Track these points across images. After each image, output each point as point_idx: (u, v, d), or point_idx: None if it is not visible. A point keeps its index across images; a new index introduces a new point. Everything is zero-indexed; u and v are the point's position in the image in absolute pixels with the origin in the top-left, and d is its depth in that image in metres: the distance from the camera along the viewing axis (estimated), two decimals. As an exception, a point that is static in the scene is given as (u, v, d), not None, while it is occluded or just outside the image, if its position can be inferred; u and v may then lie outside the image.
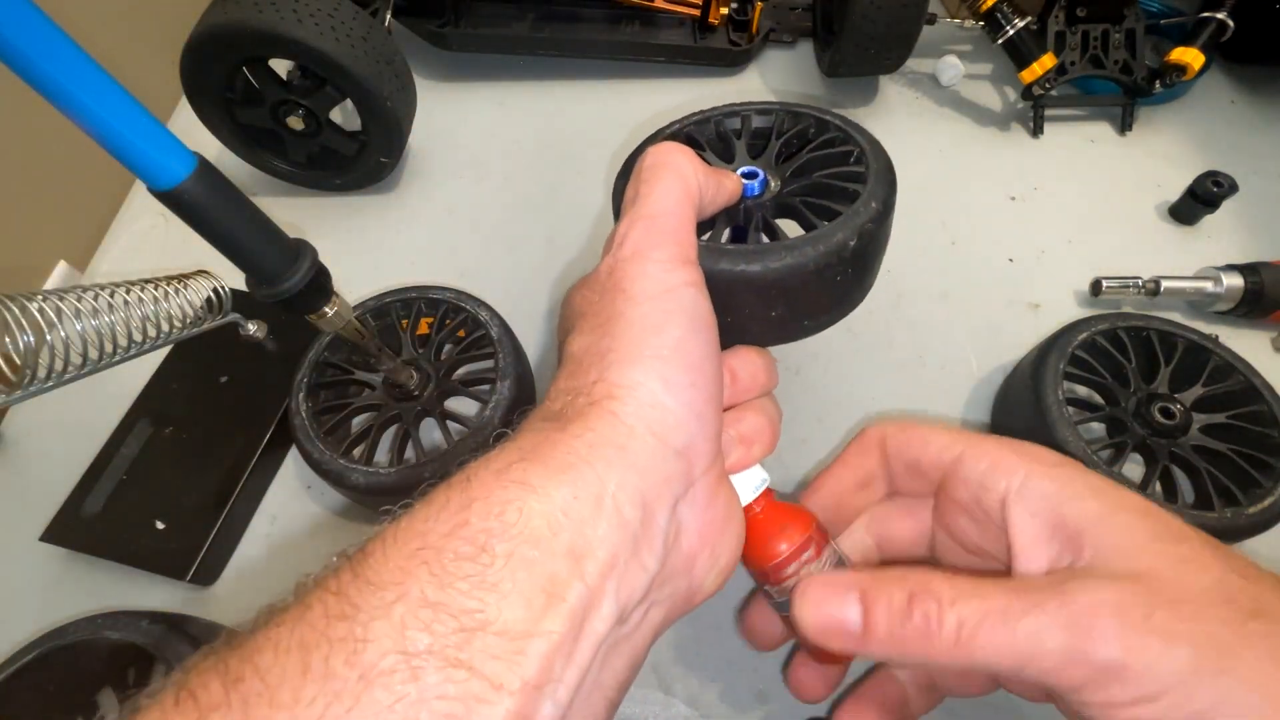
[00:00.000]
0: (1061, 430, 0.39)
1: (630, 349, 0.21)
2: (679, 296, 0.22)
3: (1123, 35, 0.62)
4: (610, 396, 0.20)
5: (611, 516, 0.18)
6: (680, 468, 0.21)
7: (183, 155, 0.25)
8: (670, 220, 0.24)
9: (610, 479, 0.19)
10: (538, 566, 0.16)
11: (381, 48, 0.51)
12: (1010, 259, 0.56)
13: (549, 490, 0.18)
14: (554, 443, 0.19)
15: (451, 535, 0.17)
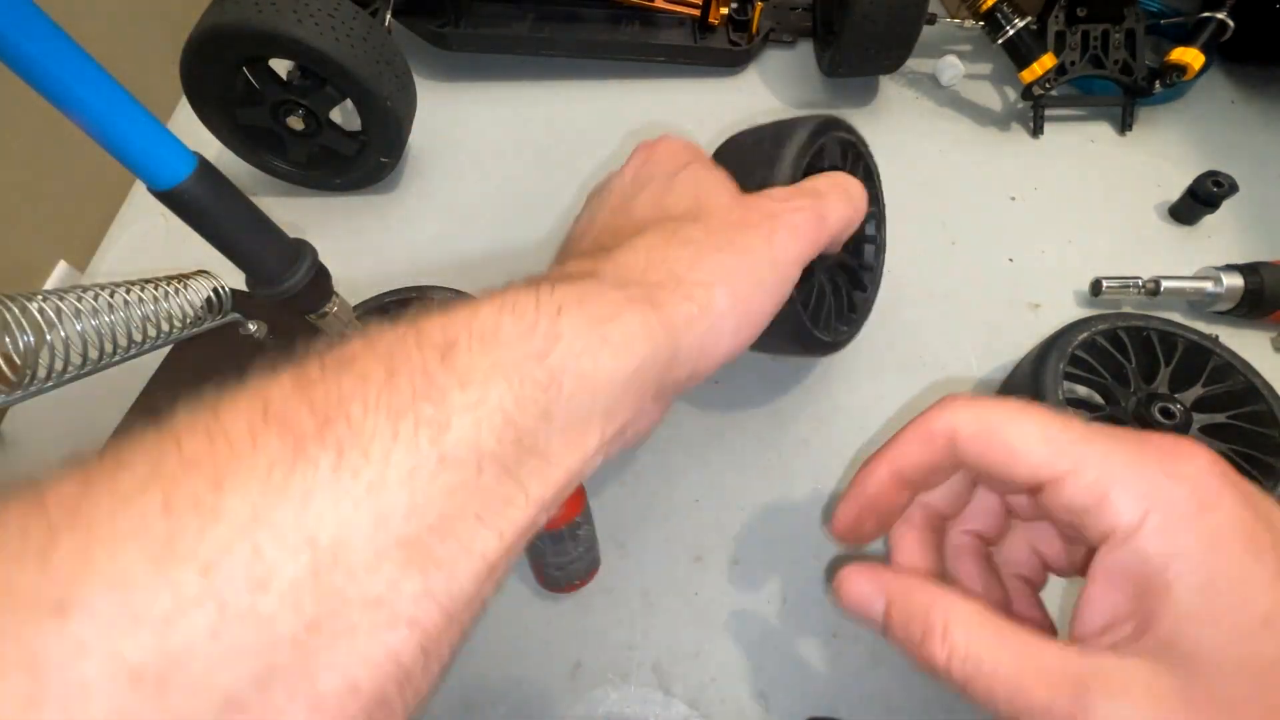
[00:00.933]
0: (1061, 430, 0.39)
1: (741, 287, 0.23)
2: (789, 279, 0.25)
3: (1123, 35, 0.62)
4: (708, 306, 0.22)
5: (641, 393, 0.20)
6: (687, 381, 0.23)
7: (183, 155, 0.25)
8: (825, 234, 0.26)
9: (660, 362, 0.21)
10: (585, 413, 0.19)
11: (381, 48, 0.51)
12: (1010, 259, 0.56)
13: (624, 356, 0.19)
14: (643, 316, 0.20)
15: (534, 359, 0.18)
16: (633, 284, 0.22)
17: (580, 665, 0.38)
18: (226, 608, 0.13)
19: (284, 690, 0.13)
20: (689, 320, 0.22)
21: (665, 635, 0.39)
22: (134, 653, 0.12)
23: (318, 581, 0.14)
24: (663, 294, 0.22)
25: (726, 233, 0.24)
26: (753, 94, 0.68)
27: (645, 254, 0.23)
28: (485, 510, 0.16)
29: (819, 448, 0.46)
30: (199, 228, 0.27)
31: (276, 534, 0.13)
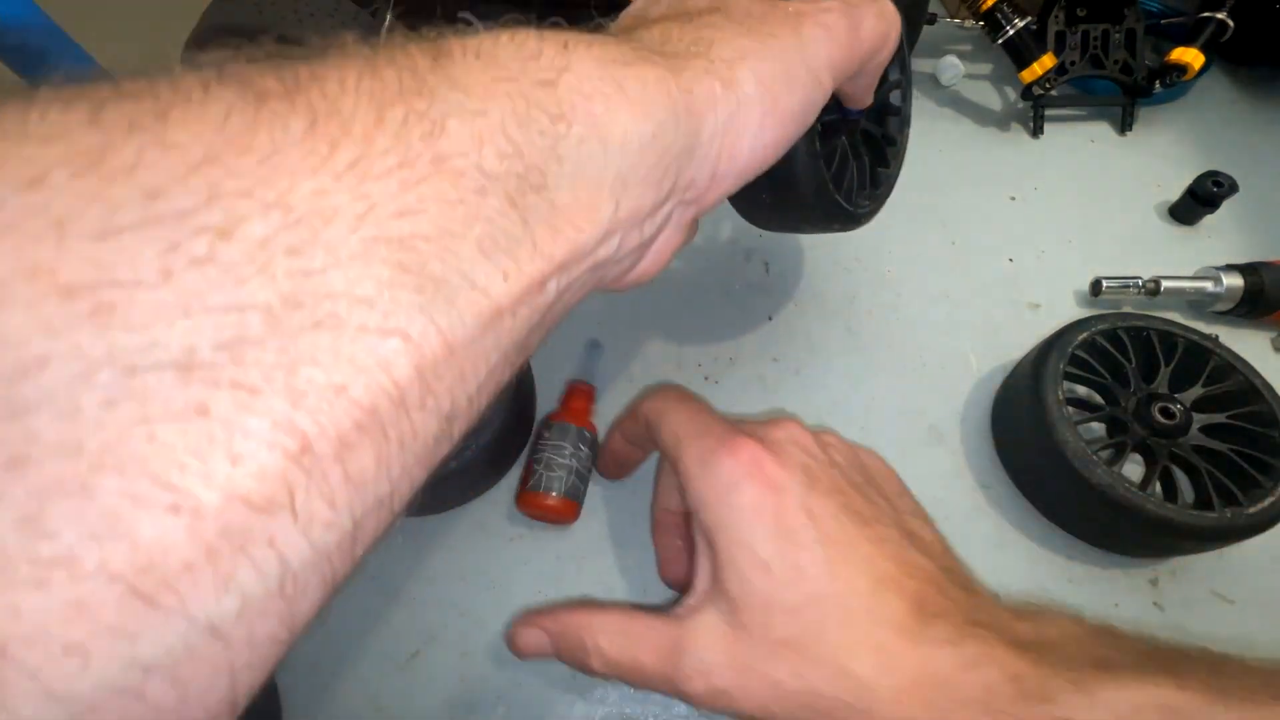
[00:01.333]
0: (1061, 430, 0.39)
1: (766, 73, 0.20)
2: (819, 84, 0.22)
3: (1123, 35, 0.62)
4: (732, 84, 0.19)
5: (658, 177, 0.18)
6: (708, 185, 0.21)
7: None
8: (859, 46, 0.24)
9: (679, 145, 0.18)
10: (596, 168, 0.16)
11: (381, 48, 0.51)
12: (1010, 259, 0.56)
13: (640, 112, 0.17)
14: (661, 76, 0.18)
15: (538, 86, 0.15)
16: (656, 51, 0.19)
17: (580, 665, 0.38)
18: (178, 248, 0.10)
19: (256, 368, 0.10)
20: (711, 96, 0.19)
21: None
22: (65, 272, 0.09)
23: (293, 252, 0.11)
24: (682, 62, 0.19)
25: (749, 21, 0.22)
26: (753, 94, 0.68)
27: (660, 32, 0.21)
28: (488, 240, 0.14)
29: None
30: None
31: (238, 181, 0.11)
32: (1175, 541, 0.38)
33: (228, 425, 0.10)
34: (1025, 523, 0.43)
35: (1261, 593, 0.40)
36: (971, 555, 0.41)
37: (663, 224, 0.20)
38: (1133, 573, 0.41)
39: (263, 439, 0.10)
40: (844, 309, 0.52)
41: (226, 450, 0.10)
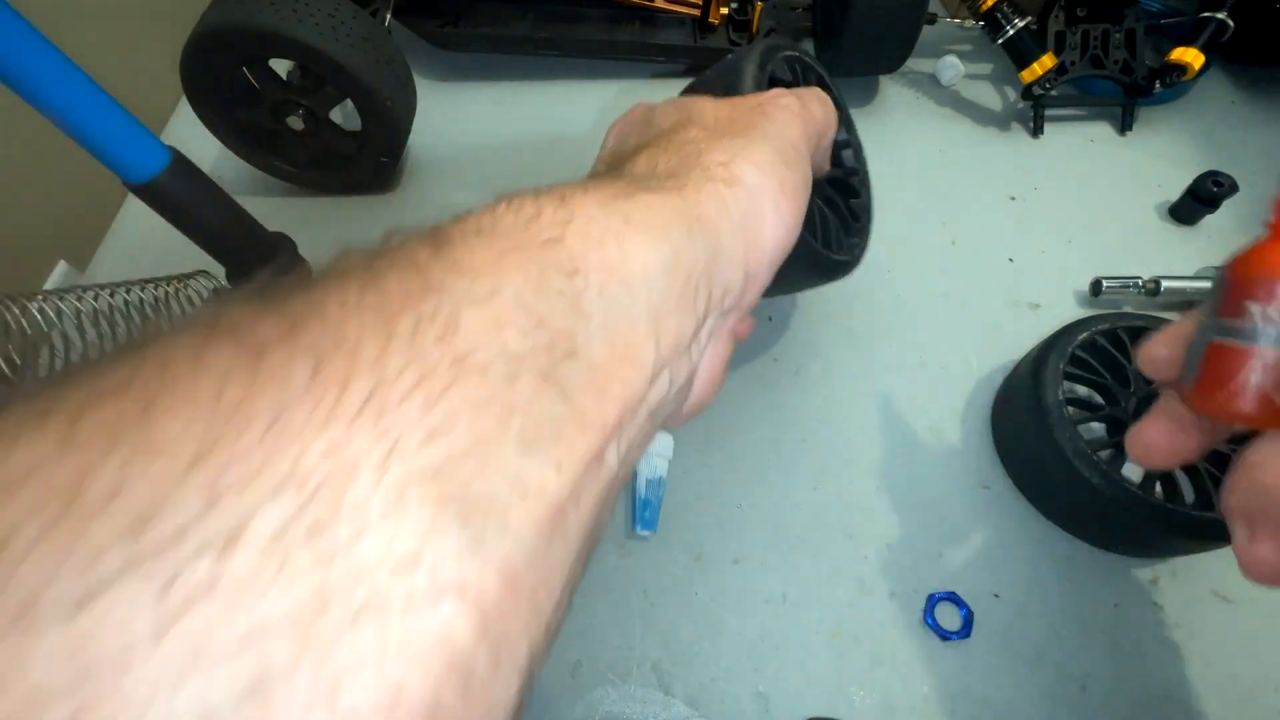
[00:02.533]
0: (1061, 430, 0.39)
1: (762, 159, 0.21)
2: (803, 157, 0.23)
3: (1123, 35, 0.62)
4: (734, 181, 0.19)
5: (691, 298, 0.17)
6: (744, 287, 0.20)
7: (156, 148, 0.25)
8: (813, 124, 0.25)
9: (703, 259, 0.17)
10: (625, 311, 0.15)
11: (381, 48, 0.51)
12: (1010, 259, 0.56)
13: (654, 238, 0.16)
14: (665, 198, 0.18)
15: (546, 247, 0.15)
16: (643, 176, 0.19)
17: (580, 665, 0.38)
18: (175, 583, 0.08)
19: (287, 709, 0.09)
20: (719, 200, 0.19)
21: (665, 635, 0.39)
22: (37, 673, 0.08)
23: (315, 532, 0.09)
24: (680, 179, 0.19)
25: (722, 124, 0.23)
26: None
27: (646, 159, 0.21)
28: (530, 432, 0.12)
29: (819, 448, 0.46)
30: (176, 222, 0.27)
31: (241, 466, 0.09)
32: (1175, 541, 0.38)
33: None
34: (1025, 523, 0.43)
35: (1261, 593, 0.40)
36: (972, 555, 0.42)
37: (707, 343, 0.19)
38: (1133, 573, 0.41)
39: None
40: (844, 309, 0.52)
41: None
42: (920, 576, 0.41)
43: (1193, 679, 0.38)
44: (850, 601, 0.40)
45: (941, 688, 0.37)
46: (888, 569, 0.41)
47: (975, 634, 0.39)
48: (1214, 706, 0.37)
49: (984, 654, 0.38)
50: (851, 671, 0.38)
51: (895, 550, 0.42)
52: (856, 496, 0.44)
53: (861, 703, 0.37)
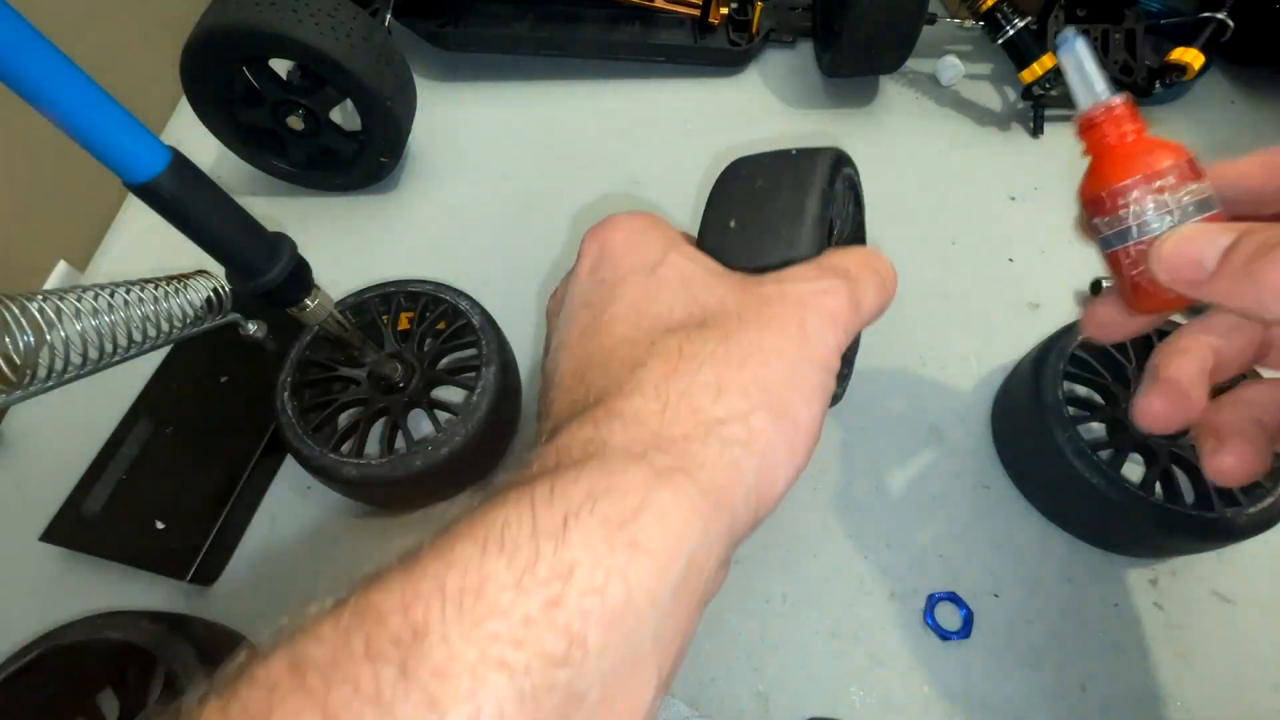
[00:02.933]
0: (1061, 430, 0.39)
1: (784, 401, 0.18)
2: (832, 372, 0.20)
3: (1123, 35, 0.62)
4: (753, 440, 0.18)
5: (699, 588, 0.16)
6: (750, 528, 0.19)
7: (156, 148, 0.25)
8: (860, 322, 0.21)
9: (718, 547, 0.16)
10: (627, 657, 0.14)
11: (381, 48, 0.51)
12: (1010, 259, 0.56)
13: (666, 561, 0.15)
14: (679, 496, 0.16)
15: (534, 622, 0.13)
16: (655, 445, 0.17)
17: (580, 665, 0.38)
18: None
19: None
20: (736, 470, 0.17)
21: (665, 635, 0.39)
22: None
23: None
24: (696, 448, 0.17)
25: (748, 334, 0.19)
26: (753, 94, 0.68)
27: (655, 393, 0.18)
28: None
29: (820, 448, 0.46)
30: (176, 222, 0.27)
31: None
32: (1175, 541, 0.38)
33: None
34: (1025, 523, 0.43)
35: (1261, 593, 0.40)
36: (972, 555, 0.42)
37: (710, 590, 0.18)
38: (1133, 573, 0.41)
39: None
40: (844, 309, 0.52)
41: None
42: (920, 576, 0.41)
43: (1193, 679, 0.38)
44: (850, 601, 0.40)
45: (941, 688, 0.37)
46: (888, 569, 0.41)
47: (975, 634, 0.39)
48: (1214, 706, 0.37)
49: (984, 654, 0.38)
50: (851, 671, 0.38)
51: (895, 550, 0.42)
52: (856, 496, 0.44)
53: (861, 703, 0.37)
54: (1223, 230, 0.21)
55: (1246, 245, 0.19)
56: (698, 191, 0.60)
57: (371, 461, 0.39)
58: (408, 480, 0.38)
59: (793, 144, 0.30)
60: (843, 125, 0.66)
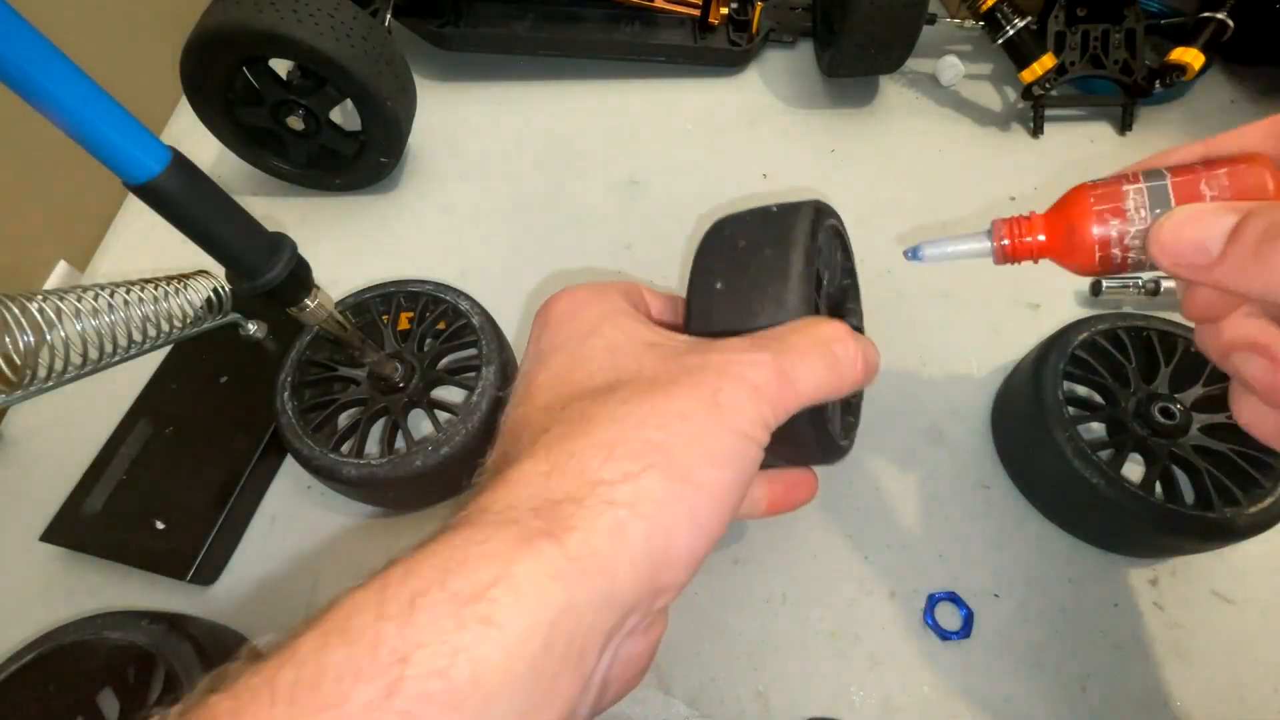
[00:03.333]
0: (1061, 430, 0.39)
1: (680, 463, 0.18)
2: (752, 442, 0.19)
3: (1123, 35, 0.62)
4: (639, 502, 0.17)
5: (575, 661, 0.16)
6: (655, 599, 0.18)
7: (157, 149, 0.25)
8: (794, 399, 0.20)
9: (590, 616, 0.16)
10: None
11: (381, 48, 0.51)
12: (1010, 259, 0.56)
13: (518, 637, 0.14)
14: (542, 564, 0.15)
15: (375, 710, 0.13)
16: (532, 509, 0.17)
17: (580, 665, 0.38)
18: None
19: None
20: (618, 533, 0.16)
21: (665, 635, 0.39)
22: None
23: None
24: (572, 510, 0.16)
25: (654, 398, 0.19)
26: (753, 94, 0.68)
27: (546, 456, 0.18)
28: None
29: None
30: (176, 222, 0.27)
31: None
32: (1175, 541, 0.38)
33: None
34: (1025, 523, 0.43)
35: (1261, 593, 0.40)
36: (971, 555, 0.42)
37: (613, 655, 0.18)
38: (1133, 573, 0.41)
39: None
40: (844, 309, 0.52)
41: None
42: (920, 576, 0.41)
43: (1193, 679, 0.38)
44: (850, 601, 0.40)
45: (941, 688, 0.37)
46: (888, 569, 0.41)
47: (975, 634, 0.39)
48: (1214, 706, 0.37)
49: (984, 654, 0.38)
50: (851, 671, 0.38)
51: (895, 550, 0.42)
52: (856, 497, 0.44)
53: (861, 703, 0.37)
54: (1225, 210, 0.19)
55: (1254, 227, 0.18)
56: (698, 192, 0.60)
57: (371, 461, 0.39)
58: (408, 480, 0.38)
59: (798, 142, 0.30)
60: (843, 125, 0.66)
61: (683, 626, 0.39)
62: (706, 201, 0.59)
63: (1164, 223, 0.21)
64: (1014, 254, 0.25)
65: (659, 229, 0.57)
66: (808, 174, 0.62)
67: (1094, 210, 0.23)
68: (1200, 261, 0.20)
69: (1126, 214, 0.22)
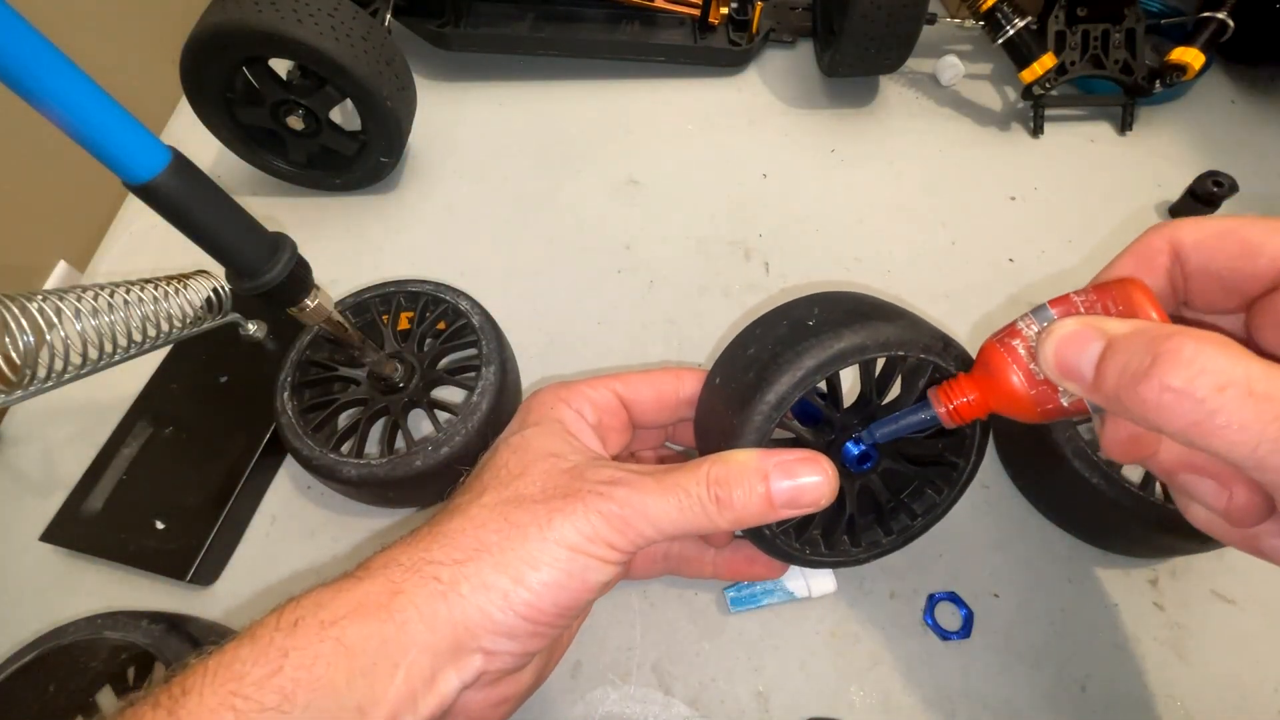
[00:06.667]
0: (1061, 430, 0.39)
1: (492, 551, 0.24)
2: (583, 561, 0.24)
3: (1123, 35, 0.62)
4: (436, 578, 0.23)
5: (401, 681, 0.22)
6: (476, 661, 0.24)
7: (156, 148, 0.25)
8: (632, 537, 0.25)
9: (413, 652, 0.22)
10: (330, 712, 0.21)
11: (381, 48, 0.51)
12: (1010, 259, 0.56)
13: (358, 652, 0.21)
14: (378, 603, 0.23)
15: (263, 684, 0.20)
16: (385, 572, 0.24)
17: (580, 665, 0.38)
18: None
19: None
20: (434, 598, 0.23)
21: (665, 635, 0.39)
22: None
23: None
24: (398, 575, 0.23)
25: (504, 508, 0.25)
26: (753, 94, 0.68)
27: (426, 532, 0.25)
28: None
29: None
30: (176, 222, 0.27)
31: None
32: (1175, 541, 0.38)
33: None
34: (1025, 523, 0.43)
35: (1261, 593, 0.40)
36: (972, 555, 0.42)
37: (451, 698, 0.23)
38: (1133, 573, 0.41)
39: None
40: (844, 309, 0.52)
41: None
42: (920, 576, 0.41)
43: (1193, 679, 0.38)
44: (850, 601, 0.40)
45: (941, 688, 0.37)
46: (888, 569, 0.41)
47: (975, 634, 0.39)
48: (1214, 706, 0.37)
49: (984, 654, 0.38)
50: (851, 671, 0.38)
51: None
52: (856, 496, 0.44)
53: (861, 703, 0.37)
54: (1093, 334, 0.20)
55: (1114, 363, 0.19)
56: (698, 192, 0.60)
57: (371, 461, 0.39)
58: (408, 480, 0.38)
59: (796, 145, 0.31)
60: (843, 125, 0.66)
61: (683, 626, 0.39)
62: (706, 201, 0.59)
63: (1045, 339, 0.21)
64: (958, 417, 0.25)
65: (659, 229, 0.57)
66: (808, 174, 0.62)
67: (1000, 347, 0.24)
68: (1080, 383, 0.21)
69: (1029, 341, 0.23)
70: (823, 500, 0.25)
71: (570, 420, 0.29)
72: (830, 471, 0.25)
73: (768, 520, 0.25)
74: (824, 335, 0.26)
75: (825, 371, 0.26)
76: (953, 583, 0.40)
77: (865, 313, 0.27)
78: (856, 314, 0.27)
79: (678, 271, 0.55)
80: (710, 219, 0.58)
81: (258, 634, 0.21)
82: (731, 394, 0.27)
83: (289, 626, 0.21)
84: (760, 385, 0.26)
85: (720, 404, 0.28)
